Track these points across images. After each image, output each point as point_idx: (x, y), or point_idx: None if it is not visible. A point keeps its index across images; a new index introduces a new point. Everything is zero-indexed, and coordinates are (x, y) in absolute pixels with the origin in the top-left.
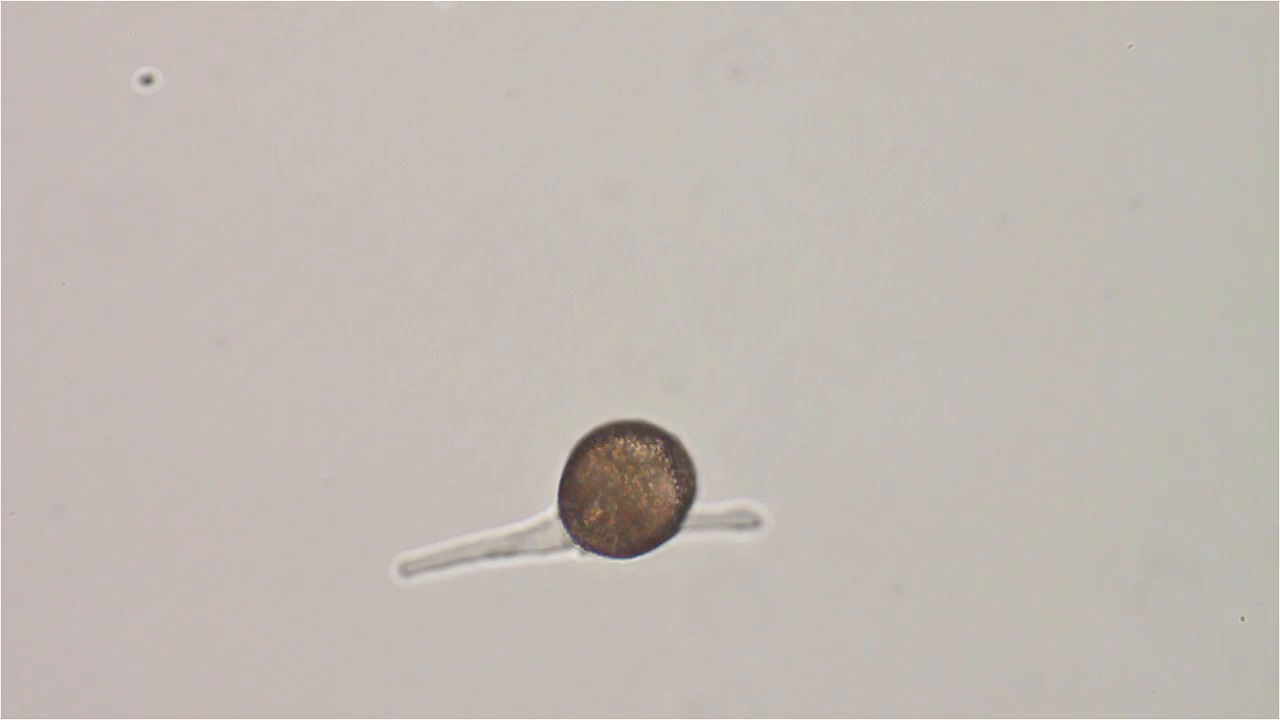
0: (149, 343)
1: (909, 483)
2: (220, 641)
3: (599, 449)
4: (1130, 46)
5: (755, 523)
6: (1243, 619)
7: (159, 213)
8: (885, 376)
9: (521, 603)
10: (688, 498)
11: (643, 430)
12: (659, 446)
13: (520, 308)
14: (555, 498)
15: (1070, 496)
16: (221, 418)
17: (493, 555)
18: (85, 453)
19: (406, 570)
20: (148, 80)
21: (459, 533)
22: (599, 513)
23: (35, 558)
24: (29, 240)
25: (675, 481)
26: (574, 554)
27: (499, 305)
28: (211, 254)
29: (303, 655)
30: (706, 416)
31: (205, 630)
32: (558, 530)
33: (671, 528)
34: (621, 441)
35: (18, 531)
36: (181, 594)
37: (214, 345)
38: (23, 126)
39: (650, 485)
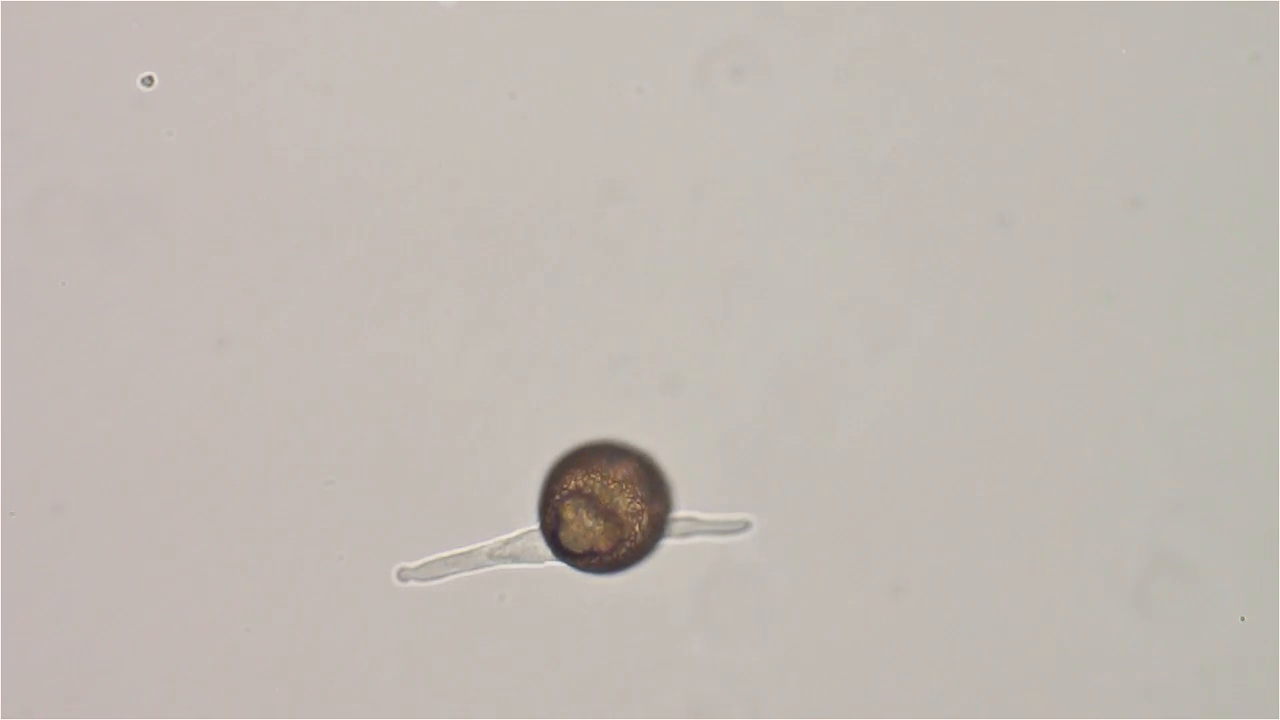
0: (149, 343)
1: (909, 483)
2: (220, 642)
3: (575, 472)
4: (1124, 53)
5: (745, 525)
6: (1243, 619)
7: (159, 213)
8: (885, 377)
9: (519, 605)
10: (666, 509)
11: (615, 450)
12: (634, 464)
13: (520, 308)
14: (538, 515)
15: (1070, 497)
16: (221, 418)
17: (493, 558)
18: (85, 453)
19: (403, 577)
20: (148, 81)
21: (458, 535)
22: (578, 530)
23: (35, 558)
24: (29, 240)
25: (651, 495)
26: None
27: (499, 305)
28: (211, 254)
29: (303, 656)
30: (706, 417)
31: (205, 630)
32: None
33: (651, 541)
34: (598, 463)
35: (18, 531)
36: (181, 594)
37: (214, 345)
38: (23, 126)
39: (628, 501)
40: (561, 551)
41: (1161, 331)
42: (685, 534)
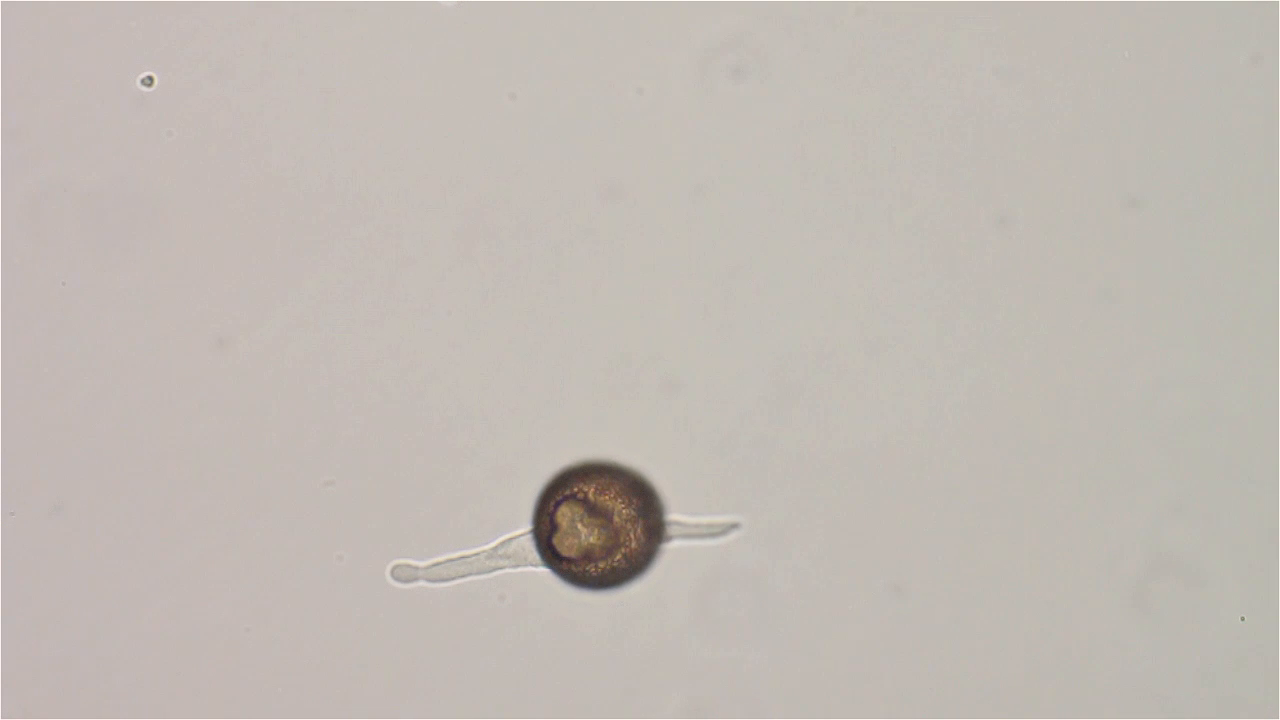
0: (149, 343)
1: (909, 483)
2: (220, 642)
3: (571, 482)
4: (1125, 54)
5: (733, 528)
6: (1243, 619)
7: (159, 213)
8: (885, 377)
9: (519, 605)
10: (662, 522)
11: (611, 466)
12: (630, 478)
13: (520, 308)
14: (533, 524)
15: (1070, 497)
16: (221, 418)
17: (493, 558)
18: (85, 453)
19: (405, 576)
20: (148, 81)
21: (457, 536)
22: (572, 537)
23: (35, 558)
24: (29, 240)
25: (647, 506)
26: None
27: (499, 305)
28: (211, 254)
29: (302, 656)
30: (706, 418)
31: (205, 630)
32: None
33: (646, 552)
34: (595, 475)
35: (18, 531)
36: (181, 594)
37: (214, 345)
38: (23, 126)
39: (624, 508)
40: (556, 558)
41: (1161, 331)
42: (673, 537)
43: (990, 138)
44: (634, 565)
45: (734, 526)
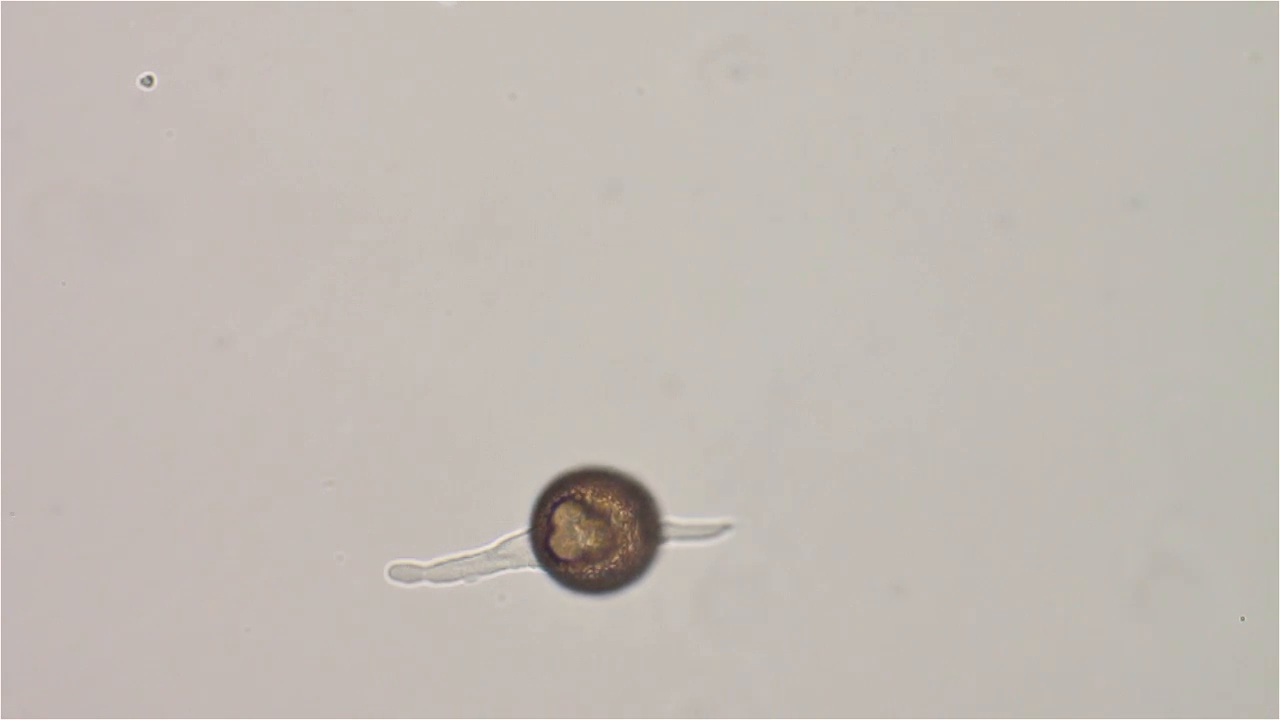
0: (149, 343)
1: (909, 484)
2: (220, 642)
3: (569, 484)
4: (1125, 53)
5: (725, 529)
6: (1243, 619)
7: (159, 213)
8: (885, 377)
9: (519, 606)
10: (659, 526)
11: (602, 475)
12: (628, 483)
13: (520, 308)
14: (530, 527)
15: (1071, 497)
16: (221, 418)
17: (491, 558)
18: (85, 453)
19: (408, 576)
20: (148, 81)
21: (458, 536)
22: (569, 538)
23: (35, 558)
24: (29, 240)
25: (644, 510)
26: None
27: (499, 305)
28: (211, 254)
29: (302, 656)
30: (706, 418)
31: (205, 630)
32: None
33: (643, 555)
34: (592, 479)
35: (18, 531)
36: (181, 594)
37: (214, 345)
38: (23, 126)
39: (621, 509)
40: (553, 559)
41: (1161, 331)
42: (669, 539)
43: (990, 138)
44: (631, 568)
45: (726, 527)
